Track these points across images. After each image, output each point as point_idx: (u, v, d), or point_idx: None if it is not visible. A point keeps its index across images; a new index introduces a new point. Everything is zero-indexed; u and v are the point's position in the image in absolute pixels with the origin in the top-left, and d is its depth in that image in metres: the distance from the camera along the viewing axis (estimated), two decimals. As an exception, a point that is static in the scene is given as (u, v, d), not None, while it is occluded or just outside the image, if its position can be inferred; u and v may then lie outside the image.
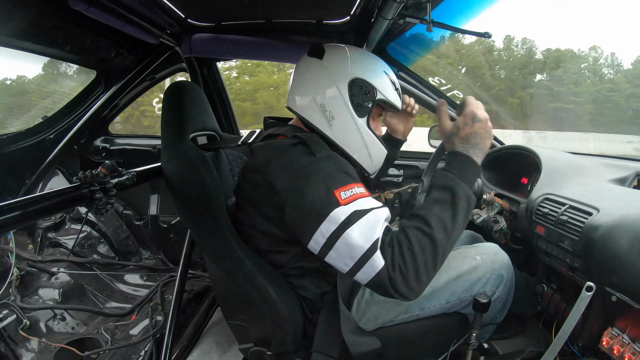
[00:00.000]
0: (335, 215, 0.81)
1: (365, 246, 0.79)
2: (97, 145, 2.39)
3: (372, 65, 1.06)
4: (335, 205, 0.81)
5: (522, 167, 1.56)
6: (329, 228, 0.81)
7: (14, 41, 1.40)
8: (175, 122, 1.09)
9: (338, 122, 1.02)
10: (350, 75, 1.01)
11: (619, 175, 1.28)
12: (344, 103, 1.01)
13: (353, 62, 1.03)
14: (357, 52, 1.07)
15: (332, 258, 0.84)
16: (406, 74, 1.81)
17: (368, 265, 0.79)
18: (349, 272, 0.82)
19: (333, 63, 1.03)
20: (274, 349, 1.07)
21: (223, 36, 1.57)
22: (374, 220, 0.81)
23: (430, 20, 1.10)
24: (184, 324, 1.64)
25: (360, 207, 0.82)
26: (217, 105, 2.03)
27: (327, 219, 0.81)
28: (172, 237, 2.31)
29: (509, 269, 1.10)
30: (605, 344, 0.92)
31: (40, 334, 1.65)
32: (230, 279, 1.06)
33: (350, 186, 0.84)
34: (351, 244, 0.80)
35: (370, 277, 0.80)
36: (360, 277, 0.82)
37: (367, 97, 1.03)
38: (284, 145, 0.96)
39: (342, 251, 0.81)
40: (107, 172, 0.96)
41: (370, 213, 0.82)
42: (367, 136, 1.04)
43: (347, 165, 0.91)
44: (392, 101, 1.07)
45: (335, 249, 0.82)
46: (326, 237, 0.82)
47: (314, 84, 1.03)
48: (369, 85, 1.03)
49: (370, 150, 1.06)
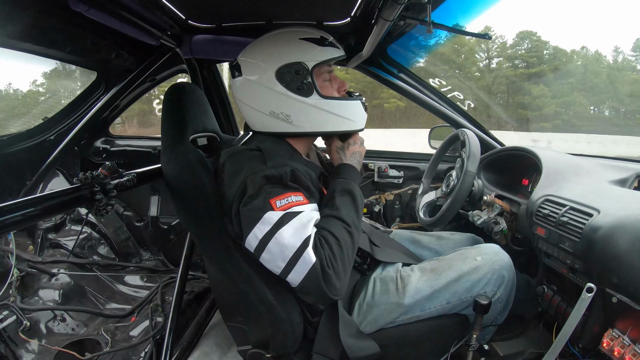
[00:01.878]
0: (268, 218, 0.86)
1: (296, 244, 0.84)
2: (98, 146, 2.40)
3: (281, 45, 1.01)
4: (269, 209, 0.86)
5: (523, 168, 1.56)
6: (263, 229, 0.86)
7: (15, 42, 1.41)
8: (176, 123, 1.09)
9: (295, 116, 1.00)
10: (271, 70, 0.98)
11: (619, 176, 1.28)
12: (286, 97, 0.98)
13: (265, 58, 0.99)
14: (262, 45, 1.03)
15: (265, 260, 0.89)
16: (406, 75, 1.81)
17: (300, 262, 0.84)
18: (282, 272, 0.87)
19: (251, 71, 1.00)
20: (273, 351, 1.07)
21: (223, 37, 1.57)
22: (305, 220, 0.87)
23: (430, 22, 1.10)
24: (184, 326, 1.64)
25: (292, 210, 0.87)
26: (217, 106, 2.03)
27: (261, 221, 0.86)
28: (172, 238, 2.30)
29: (510, 269, 1.10)
30: (605, 345, 0.91)
31: (41, 335, 1.65)
32: (229, 281, 1.06)
33: (288, 194, 0.88)
34: (283, 243, 0.85)
35: (303, 275, 0.85)
36: (292, 278, 0.87)
37: (300, 75, 0.98)
38: (240, 150, 0.99)
39: (274, 252, 0.86)
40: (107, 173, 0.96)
41: (301, 214, 0.87)
42: (328, 106, 1.01)
43: (296, 174, 0.93)
44: (325, 57, 1.01)
45: (267, 250, 0.86)
46: (259, 238, 0.86)
47: (252, 100, 1.01)
48: (293, 65, 0.98)
49: (342, 114, 1.03)
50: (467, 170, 1.28)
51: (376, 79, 1.81)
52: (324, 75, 1.05)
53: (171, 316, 1.45)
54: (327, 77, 1.06)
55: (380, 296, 1.07)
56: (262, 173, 0.89)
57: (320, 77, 1.03)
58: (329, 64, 1.05)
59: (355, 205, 0.97)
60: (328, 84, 1.06)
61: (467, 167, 1.28)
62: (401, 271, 1.12)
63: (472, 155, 1.30)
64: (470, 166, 1.28)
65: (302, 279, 0.85)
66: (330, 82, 1.06)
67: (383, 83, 1.82)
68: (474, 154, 1.30)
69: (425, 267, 1.12)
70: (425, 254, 1.33)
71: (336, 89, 1.07)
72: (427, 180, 1.69)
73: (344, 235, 0.90)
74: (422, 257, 1.31)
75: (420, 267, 1.12)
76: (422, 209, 1.55)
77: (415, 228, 1.86)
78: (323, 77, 1.04)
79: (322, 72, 1.04)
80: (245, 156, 0.96)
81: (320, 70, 1.02)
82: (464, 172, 1.28)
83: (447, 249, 1.32)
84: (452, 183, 1.38)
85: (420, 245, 1.36)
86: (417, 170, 2.06)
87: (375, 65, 1.76)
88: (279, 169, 0.90)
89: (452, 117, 1.81)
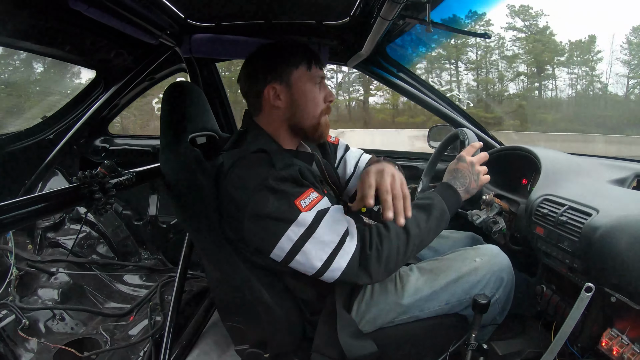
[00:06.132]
0: (302, 219, 0.84)
1: (335, 240, 0.84)
2: (97, 145, 2.39)
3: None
4: (299, 212, 0.85)
5: (522, 167, 1.56)
6: (297, 232, 0.84)
7: (14, 41, 1.40)
8: (174, 122, 1.09)
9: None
10: None
11: (619, 176, 1.28)
12: None
13: None
14: None
15: (298, 262, 0.87)
16: (405, 75, 1.81)
17: (339, 257, 0.84)
18: (318, 271, 0.86)
19: None
20: (271, 350, 1.07)
21: (223, 36, 1.57)
22: (336, 214, 0.88)
23: (430, 21, 1.10)
24: (183, 325, 1.64)
25: (320, 207, 0.86)
26: (216, 105, 2.03)
27: (295, 224, 0.84)
28: (171, 237, 2.30)
29: (509, 271, 1.10)
30: (604, 344, 0.92)
31: (40, 334, 1.65)
32: (226, 281, 1.06)
33: (308, 193, 0.87)
34: (322, 240, 0.84)
35: (343, 267, 0.85)
36: (329, 276, 0.86)
37: None
38: (245, 152, 0.96)
39: (311, 252, 0.85)
40: (106, 172, 0.96)
41: (330, 209, 0.88)
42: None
43: (306, 171, 0.93)
44: None
45: (303, 252, 0.85)
46: (294, 240, 0.84)
47: None
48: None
49: None
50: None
51: (375, 78, 1.81)
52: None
53: (170, 315, 1.45)
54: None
55: (379, 296, 1.07)
56: (275, 175, 0.88)
57: None
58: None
59: (429, 212, 0.95)
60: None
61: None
62: (400, 271, 1.12)
63: (472, 155, 1.29)
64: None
65: (340, 274, 0.86)
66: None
67: (382, 82, 1.82)
68: None
69: (424, 267, 1.12)
70: (425, 253, 1.33)
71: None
72: (426, 179, 1.69)
73: (397, 228, 0.89)
74: (421, 256, 1.31)
75: (419, 267, 1.12)
76: (421, 208, 1.54)
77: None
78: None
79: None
80: (254, 159, 0.94)
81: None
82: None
83: (446, 247, 1.32)
84: (451, 182, 1.38)
85: (419, 244, 1.36)
86: (416, 169, 2.06)
87: (374, 65, 1.76)
88: (288, 170, 0.90)
89: (451, 116, 1.81)
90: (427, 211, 0.95)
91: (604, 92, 19.39)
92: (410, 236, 0.90)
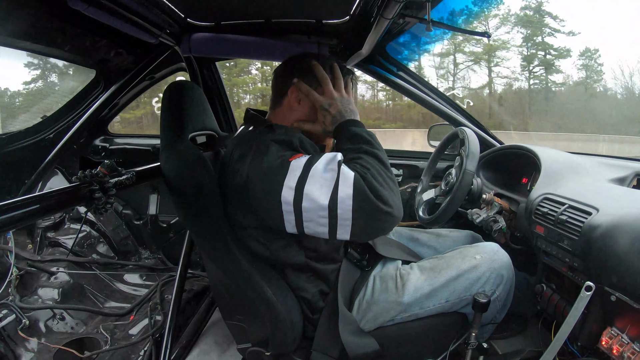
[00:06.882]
0: (294, 165, 0.85)
1: (334, 175, 0.82)
2: (97, 144, 2.39)
3: None
4: (288, 162, 0.86)
5: (522, 166, 1.57)
6: (294, 176, 0.83)
7: (13, 40, 1.40)
8: (174, 121, 1.09)
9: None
10: None
11: (619, 175, 1.29)
12: None
13: None
14: None
15: (306, 209, 0.83)
16: (405, 74, 1.81)
17: (341, 183, 0.81)
18: (330, 211, 0.81)
19: None
20: (272, 349, 1.07)
21: (223, 36, 1.57)
22: (329, 156, 0.87)
23: (430, 20, 1.10)
24: (184, 324, 1.64)
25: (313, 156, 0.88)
26: (216, 104, 2.03)
27: (289, 170, 0.84)
28: (171, 236, 2.30)
29: (509, 268, 1.10)
30: (604, 343, 0.92)
31: (40, 334, 1.65)
32: (228, 279, 1.06)
33: (300, 155, 0.88)
34: (321, 176, 0.83)
35: (350, 194, 0.80)
36: (342, 208, 0.81)
37: None
38: (246, 132, 1.01)
39: (314, 192, 0.82)
40: (106, 172, 0.95)
41: (322, 157, 0.87)
42: None
43: (306, 143, 0.95)
44: None
45: (306, 194, 0.82)
46: (294, 187, 0.83)
47: None
48: None
49: None
50: (466, 169, 1.28)
51: (375, 77, 1.81)
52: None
53: (170, 314, 1.45)
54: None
55: (379, 294, 1.07)
56: (271, 138, 0.92)
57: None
58: None
59: (372, 140, 0.94)
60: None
61: (466, 165, 1.28)
62: (401, 269, 1.12)
63: (471, 154, 1.30)
64: (469, 165, 1.28)
65: (352, 203, 0.80)
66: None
67: (382, 81, 1.82)
68: (473, 153, 1.30)
69: (425, 266, 1.12)
70: (424, 252, 1.34)
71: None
72: (426, 179, 1.69)
73: (371, 160, 0.87)
74: (421, 254, 1.31)
75: (419, 266, 1.13)
76: (421, 207, 1.55)
77: (415, 226, 1.86)
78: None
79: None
80: (253, 132, 0.99)
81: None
82: (463, 171, 1.28)
83: (446, 246, 1.32)
84: (451, 181, 1.38)
85: (419, 242, 1.37)
86: (416, 168, 2.06)
87: (374, 64, 1.76)
88: (288, 134, 0.93)
89: (451, 115, 1.81)
90: (363, 140, 0.93)
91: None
92: (384, 162, 0.89)
